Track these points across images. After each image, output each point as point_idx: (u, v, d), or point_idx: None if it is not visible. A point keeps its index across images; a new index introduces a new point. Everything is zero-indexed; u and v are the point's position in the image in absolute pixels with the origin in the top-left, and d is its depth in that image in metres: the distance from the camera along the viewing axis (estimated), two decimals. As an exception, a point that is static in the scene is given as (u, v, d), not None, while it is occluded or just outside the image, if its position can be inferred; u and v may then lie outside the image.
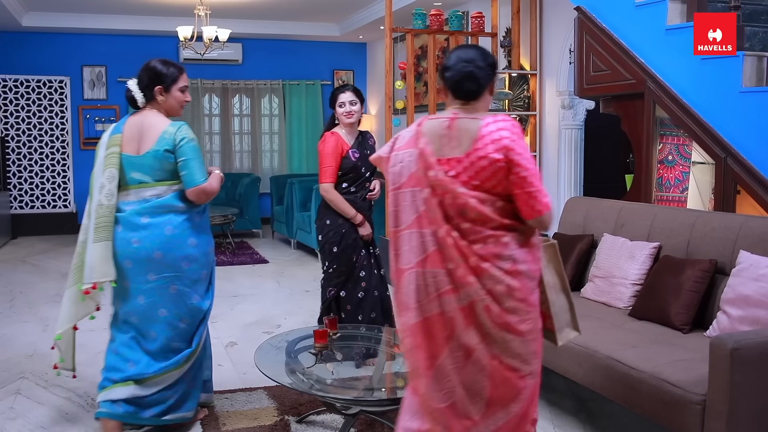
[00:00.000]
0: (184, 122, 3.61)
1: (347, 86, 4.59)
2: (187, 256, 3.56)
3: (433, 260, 2.50)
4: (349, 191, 4.51)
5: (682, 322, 3.57)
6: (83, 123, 11.06)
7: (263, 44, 11.65)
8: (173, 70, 3.61)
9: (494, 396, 2.51)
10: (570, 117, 7.02)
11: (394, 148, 2.66)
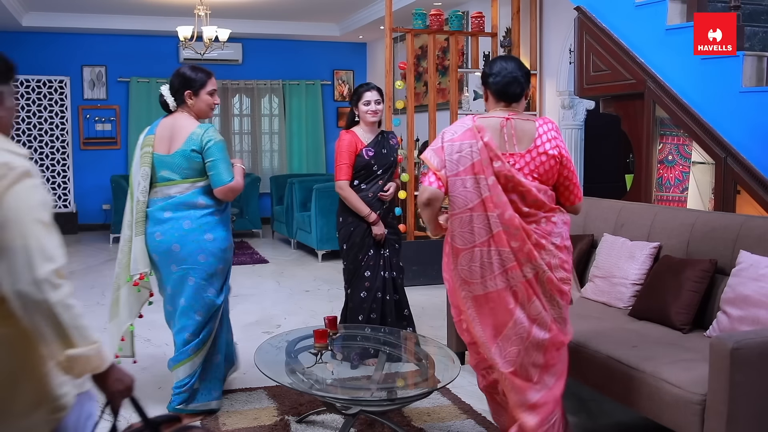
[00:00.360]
0: (211, 125, 3.92)
1: (371, 85, 4.62)
2: (203, 249, 3.76)
3: (499, 239, 2.89)
4: (360, 188, 4.55)
5: (682, 322, 3.57)
6: (83, 123, 11.06)
7: (263, 44, 11.65)
8: (201, 75, 3.85)
9: (548, 360, 2.97)
10: (570, 117, 7.02)
11: (445, 140, 2.96)
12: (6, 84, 1.93)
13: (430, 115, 7.24)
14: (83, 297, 6.71)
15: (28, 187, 1.82)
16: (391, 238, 4.65)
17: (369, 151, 4.54)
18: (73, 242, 10.10)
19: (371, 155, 4.54)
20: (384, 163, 4.57)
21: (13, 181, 1.79)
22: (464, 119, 3.03)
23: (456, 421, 3.75)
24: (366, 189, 4.57)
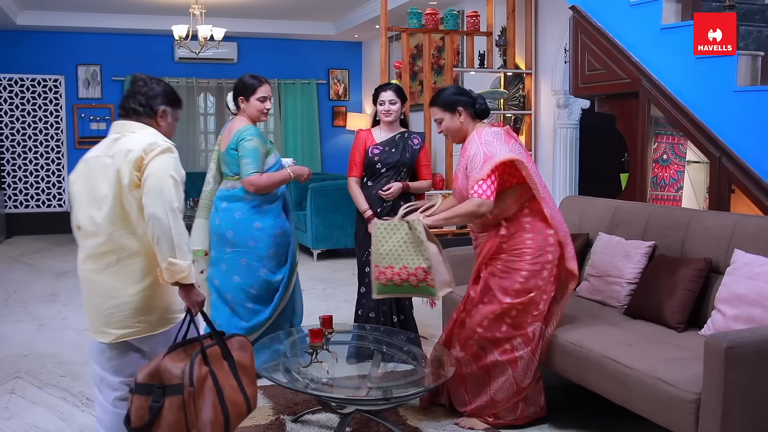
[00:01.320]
0: (252, 126, 4.38)
1: (390, 85, 4.68)
2: (252, 236, 4.33)
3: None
4: (366, 185, 4.67)
5: (676, 321, 3.58)
6: (78, 122, 11.04)
7: (258, 43, 11.63)
8: (253, 83, 4.35)
9: None
10: (565, 116, 7.03)
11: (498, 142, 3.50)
12: (171, 106, 2.96)
13: (426, 114, 7.23)
14: (78, 297, 6.68)
15: (167, 157, 2.76)
16: None
17: (375, 149, 4.59)
18: (67, 241, 10.07)
19: (376, 153, 4.59)
20: (389, 162, 4.59)
21: (158, 153, 2.73)
22: (495, 126, 3.57)
23: (451, 420, 3.75)
24: (371, 187, 4.64)
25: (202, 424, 2.63)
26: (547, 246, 3.58)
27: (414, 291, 3.60)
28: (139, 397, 2.64)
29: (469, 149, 3.58)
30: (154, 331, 2.85)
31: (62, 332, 5.50)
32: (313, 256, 8.58)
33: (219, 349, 2.84)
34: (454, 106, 3.67)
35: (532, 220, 3.59)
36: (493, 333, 3.60)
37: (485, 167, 3.43)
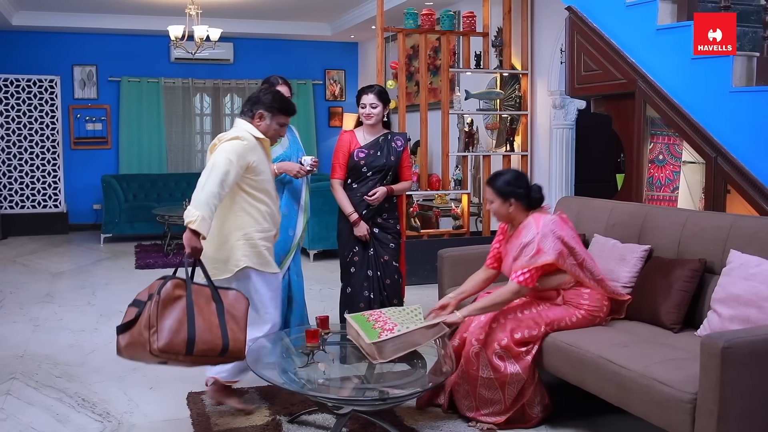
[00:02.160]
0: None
1: (372, 87, 4.69)
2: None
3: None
4: (351, 187, 4.69)
5: (672, 322, 3.59)
6: (74, 123, 11.02)
7: (255, 44, 11.63)
8: (273, 81, 4.55)
9: None
10: (561, 116, 7.04)
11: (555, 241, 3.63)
12: (270, 112, 3.73)
13: (422, 115, 7.24)
14: (73, 297, 6.69)
15: (232, 142, 3.56)
16: (384, 238, 4.69)
17: (360, 152, 4.61)
18: (63, 242, 10.06)
19: (362, 156, 4.61)
20: (375, 165, 4.62)
21: (227, 140, 3.56)
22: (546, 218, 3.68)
23: (448, 421, 3.75)
24: (356, 189, 4.67)
25: (160, 327, 3.10)
26: (603, 308, 3.76)
27: (368, 327, 3.54)
28: (131, 308, 3.24)
29: (525, 235, 3.67)
30: (220, 276, 3.63)
31: (58, 333, 5.49)
32: (310, 256, 8.58)
33: (209, 292, 3.34)
34: (508, 196, 3.75)
35: (590, 293, 3.75)
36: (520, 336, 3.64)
37: (534, 259, 3.59)
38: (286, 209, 4.53)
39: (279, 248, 4.49)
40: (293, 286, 4.68)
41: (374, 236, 4.68)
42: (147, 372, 4.59)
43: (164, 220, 9.03)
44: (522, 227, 3.74)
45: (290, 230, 4.56)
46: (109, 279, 7.57)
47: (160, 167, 11.29)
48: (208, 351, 3.18)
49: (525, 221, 3.75)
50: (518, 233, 3.77)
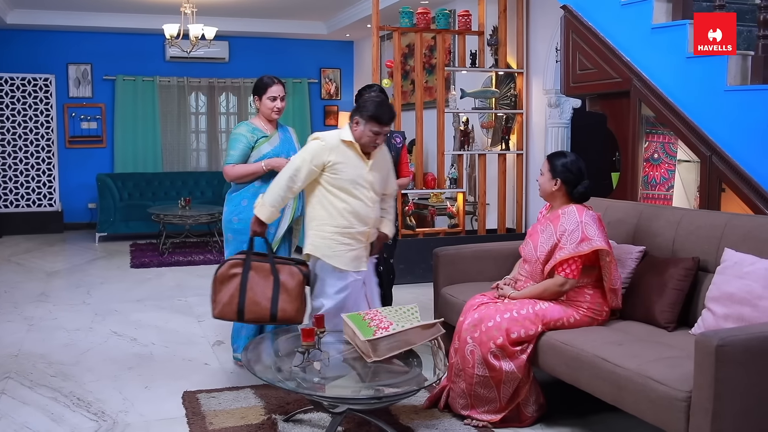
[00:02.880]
0: (245, 122, 4.72)
1: (375, 86, 4.76)
2: (223, 218, 4.70)
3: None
4: None
5: (666, 320, 3.60)
6: (68, 121, 11.00)
7: (250, 42, 11.62)
8: (267, 82, 4.61)
9: None
10: (556, 115, 7.04)
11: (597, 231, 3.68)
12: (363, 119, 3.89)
13: (418, 114, 7.24)
14: (68, 296, 6.68)
15: (311, 143, 3.98)
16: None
17: None
18: (58, 241, 10.04)
19: None
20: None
21: (310, 140, 3.98)
22: (588, 212, 3.71)
23: (443, 420, 3.75)
24: None
25: (217, 299, 3.95)
26: (603, 312, 3.77)
27: (363, 325, 3.55)
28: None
29: (566, 223, 3.70)
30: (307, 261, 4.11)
31: (53, 332, 5.48)
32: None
33: (269, 267, 4.00)
34: (557, 174, 3.82)
35: (593, 295, 3.75)
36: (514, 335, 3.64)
37: (582, 246, 3.61)
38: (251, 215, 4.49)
39: (258, 246, 4.49)
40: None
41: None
42: (142, 371, 4.59)
43: (159, 219, 9.01)
44: (561, 213, 3.76)
45: (271, 228, 4.51)
46: (104, 278, 7.56)
47: (155, 166, 11.27)
48: (257, 319, 3.98)
49: (566, 208, 3.77)
50: (555, 217, 3.78)
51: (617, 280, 3.75)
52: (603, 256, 3.67)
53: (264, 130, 4.60)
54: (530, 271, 3.86)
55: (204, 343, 5.20)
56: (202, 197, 10.52)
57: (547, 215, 3.90)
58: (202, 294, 6.70)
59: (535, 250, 3.82)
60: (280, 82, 4.64)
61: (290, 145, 4.70)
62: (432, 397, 3.89)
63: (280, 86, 4.63)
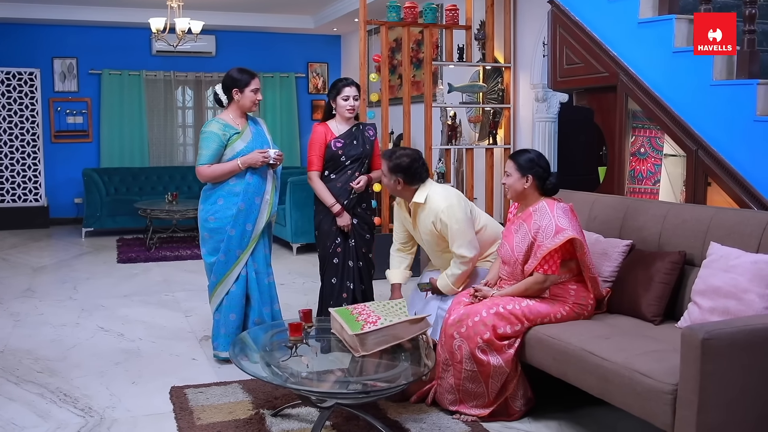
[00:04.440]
0: (215, 118, 4.65)
1: (351, 80, 4.75)
2: (199, 217, 4.64)
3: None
4: (330, 178, 4.75)
5: (653, 314, 3.61)
6: (54, 116, 10.93)
7: (237, 36, 11.57)
8: (246, 76, 4.55)
9: None
10: (544, 110, 7.05)
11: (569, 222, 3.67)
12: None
13: (405, 108, 7.23)
14: (55, 292, 6.65)
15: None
16: (361, 229, 4.76)
17: (337, 143, 4.68)
18: (44, 236, 9.98)
19: (339, 146, 4.69)
20: (353, 154, 4.71)
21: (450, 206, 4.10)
22: (558, 205, 3.72)
23: (431, 414, 3.76)
24: (335, 179, 4.74)
25: None
26: (588, 306, 3.78)
27: (351, 319, 3.58)
28: None
29: (539, 220, 3.70)
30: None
31: (39, 328, 5.45)
32: (293, 249, 8.57)
33: None
34: (527, 172, 3.79)
35: (577, 289, 3.77)
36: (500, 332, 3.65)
37: (558, 238, 3.60)
38: (243, 204, 4.49)
39: (235, 244, 4.52)
40: (250, 283, 4.61)
41: (354, 227, 4.74)
42: (129, 366, 4.58)
43: (146, 214, 8.98)
44: (533, 210, 3.77)
45: (248, 225, 4.52)
46: (90, 273, 7.52)
47: (141, 160, 11.22)
48: None
49: (537, 204, 3.78)
50: (527, 215, 3.79)
51: (594, 269, 3.77)
52: (579, 247, 3.68)
53: (235, 126, 4.57)
54: (510, 272, 3.87)
55: (191, 338, 5.19)
56: (189, 192, 10.49)
57: (519, 215, 3.90)
58: (190, 289, 6.69)
59: (512, 251, 3.82)
60: (257, 74, 4.64)
61: (263, 139, 4.67)
62: (420, 392, 3.90)
63: (258, 78, 4.63)
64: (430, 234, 4.17)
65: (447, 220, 4.05)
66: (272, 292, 4.71)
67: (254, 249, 4.58)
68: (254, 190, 4.53)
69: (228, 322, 4.57)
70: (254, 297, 4.61)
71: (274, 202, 4.64)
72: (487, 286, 3.97)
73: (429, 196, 4.12)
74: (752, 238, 3.39)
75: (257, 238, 4.56)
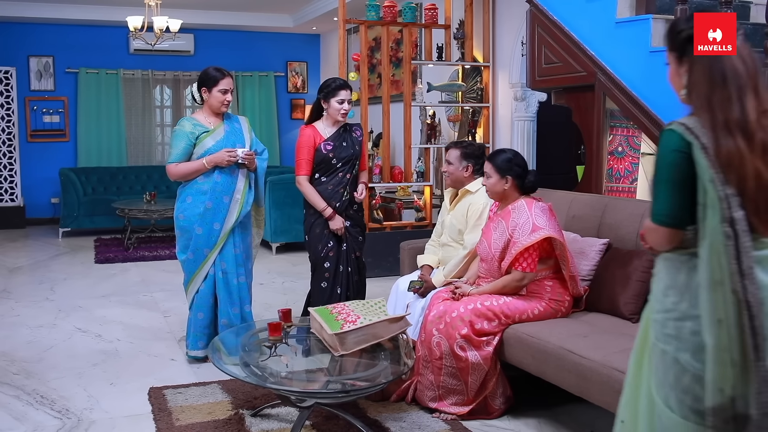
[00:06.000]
0: (187, 117, 4.64)
1: (345, 81, 4.68)
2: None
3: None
4: (320, 181, 4.66)
5: (630, 312, 3.64)
6: (30, 115, 10.82)
7: (216, 35, 11.52)
8: (216, 74, 4.49)
9: None
10: (522, 109, 7.08)
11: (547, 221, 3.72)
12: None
13: (384, 107, 7.24)
14: (31, 293, 6.58)
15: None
16: (354, 232, 4.72)
17: (327, 145, 4.60)
18: (20, 237, 9.89)
19: (329, 149, 4.60)
20: (344, 156, 4.63)
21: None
22: (537, 204, 3.78)
23: (411, 413, 3.77)
24: (326, 182, 4.65)
25: None
26: (564, 302, 3.82)
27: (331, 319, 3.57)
28: None
29: (517, 218, 3.75)
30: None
31: (15, 329, 5.39)
32: (272, 249, 8.54)
33: None
34: (506, 173, 3.83)
35: (553, 285, 3.80)
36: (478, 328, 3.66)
37: (534, 236, 3.64)
38: (210, 203, 4.47)
39: (203, 243, 4.50)
40: (218, 283, 4.56)
41: (347, 230, 4.68)
42: (107, 368, 4.55)
43: (124, 214, 8.91)
44: (512, 209, 3.81)
45: (216, 224, 4.49)
46: (67, 274, 7.46)
47: (119, 160, 11.14)
48: None
49: (516, 203, 3.82)
50: (506, 213, 3.82)
51: (573, 267, 3.80)
52: (558, 246, 3.71)
53: (206, 125, 4.54)
54: (488, 269, 3.89)
55: (170, 339, 5.16)
56: (168, 191, 10.41)
57: (499, 212, 3.93)
58: (168, 289, 6.65)
59: (490, 248, 3.85)
60: (229, 75, 4.56)
61: (237, 136, 4.63)
62: (399, 391, 3.90)
63: (229, 78, 4.54)
64: (460, 217, 4.38)
65: (477, 212, 4.29)
66: (243, 293, 4.62)
67: (223, 248, 4.53)
68: (222, 188, 4.49)
69: (197, 320, 4.57)
70: (221, 297, 4.55)
71: (246, 201, 4.59)
72: (467, 283, 3.99)
73: (480, 189, 4.29)
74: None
75: (226, 237, 4.52)
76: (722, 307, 1.92)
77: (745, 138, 2.00)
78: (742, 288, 1.91)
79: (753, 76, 2.18)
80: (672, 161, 2.08)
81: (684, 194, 2.04)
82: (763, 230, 1.99)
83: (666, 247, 2.16)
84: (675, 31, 2.37)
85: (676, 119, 2.15)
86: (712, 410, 1.95)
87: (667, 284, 2.16)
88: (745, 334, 1.90)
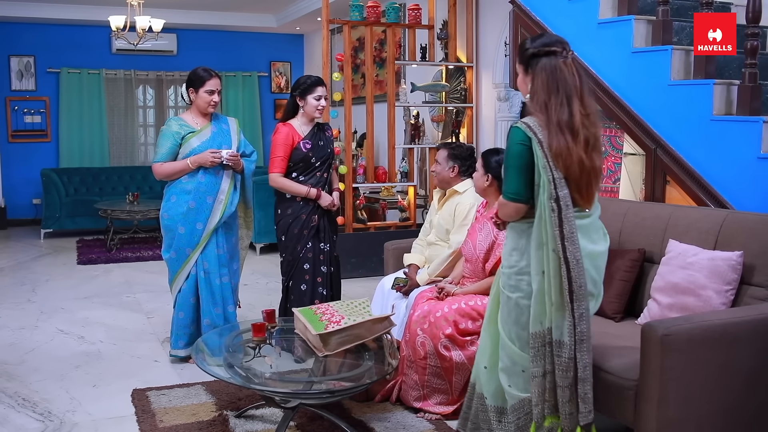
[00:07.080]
0: (175, 117, 4.72)
1: (320, 78, 4.62)
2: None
3: None
4: (298, 180, 4.58)
5: (614, 311, 3.66)
6: (11, 115, 10.73)
7: (199, 35, 11.47)
8: (204, 75, 4.50)
9: None
10: (506, 109, 7.10)
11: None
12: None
13: (368, 107, 7.24)
14: (13, 294, 6.53)
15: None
16: (331, 230, 4.69)
17: (306, 144, 4.55)
18: (1, 238, 9.80)
19: (309, 148, 4.55)
20: (322, 155, 4.60)
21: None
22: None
23: (396, 413, 3.77)
24: (304, 181, 4.59)
25: None
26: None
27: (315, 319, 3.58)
28: None
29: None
30: None
31: (-4, 331, 5.36)
32: (256, 250, 8.52)
33: None
34: (488, 171, 3.88)
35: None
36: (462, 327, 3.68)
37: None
38: (194, 202, 4.47)
39: (185, 242, 4.50)
40: (200, 283, 4.54)
41: (327, 228, 4.66)
42: (90, 369, 4.52)
43: (107, 215, 8.86)
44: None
45: (198, 224, 4.49)
46: (49, 275, 7.40)
47: (102, 160, 11.07)
48: None
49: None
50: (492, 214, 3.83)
51: None
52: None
53: (192, 125, 4.54)
54: (472, 270, 3.90)
55: (153, 340, 5.13)
56: (151, 192, 10.36)
57: (485, 213, 3.95)
58: (151, 290, 6.62)
59: (474, 249, 3.86)
60: (216, 75, 4.56)
61: (225, 137, 4.61)
62: (384, 391, 3.90)
63: (217, 79, 4.54)
64: (448, 217, 4.38)
65: (463, 213, 4.31)
66: (225, 294, 4.61)
67: (205, 248, 4.52)
68: (206, 189, 4.49)
69: (178, 320, 4.59)
70: (203, 297, 4.54)
71: (230, 202, 4.57)
72: (451, 283, 4.00)
73: (468, 190, 4.33)
74: (709, 235, 3.46)
75: (208, 237, 4.52)
76: (545, 262, 2.67)
77: (572, 135, 2.68)
78: (562, 248, 2.62)
79: (579, 87, 2.76)
80: (517, 151, 2.72)
81: (526, 177, 2.72)
82: (584, 204, 2.78)
83: (514, 218, 2.83)
84: (523, 49, 2.88)
85: (522, 119, 2.77)
86: (533, 336, 2.73)
87: (512, 246, 2.86)
88: (562, 282, 2.63)
